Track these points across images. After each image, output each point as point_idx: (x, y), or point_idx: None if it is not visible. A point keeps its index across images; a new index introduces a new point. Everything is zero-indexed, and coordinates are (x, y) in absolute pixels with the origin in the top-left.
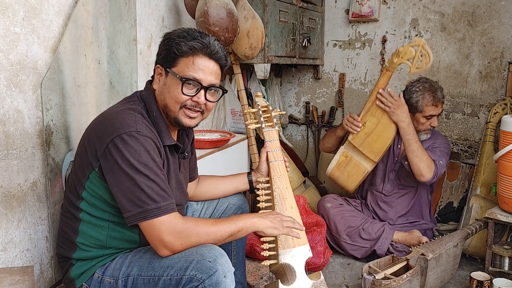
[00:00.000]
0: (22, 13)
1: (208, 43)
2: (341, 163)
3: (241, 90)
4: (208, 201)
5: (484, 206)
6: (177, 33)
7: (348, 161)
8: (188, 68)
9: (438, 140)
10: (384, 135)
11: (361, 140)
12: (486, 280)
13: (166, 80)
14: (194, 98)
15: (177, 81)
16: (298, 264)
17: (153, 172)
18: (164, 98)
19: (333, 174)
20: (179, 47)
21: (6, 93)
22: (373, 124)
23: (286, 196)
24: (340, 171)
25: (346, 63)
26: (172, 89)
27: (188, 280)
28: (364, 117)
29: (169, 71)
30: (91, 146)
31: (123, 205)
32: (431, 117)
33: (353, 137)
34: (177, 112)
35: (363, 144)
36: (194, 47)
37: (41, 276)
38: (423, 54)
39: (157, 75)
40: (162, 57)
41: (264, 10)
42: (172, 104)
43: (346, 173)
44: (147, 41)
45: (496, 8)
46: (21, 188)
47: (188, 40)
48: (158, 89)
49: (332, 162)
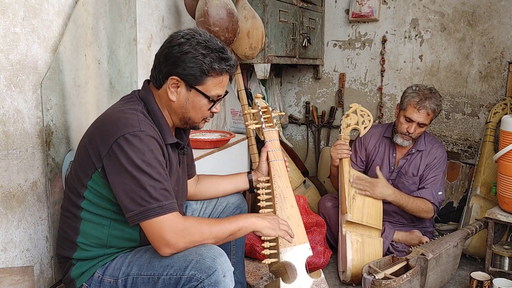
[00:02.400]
0: (22, 13)
1: (235, 64)
2: (358, 249)
3: (241, 90)
4: (207, 200)
5: (484, 206)
6: (199, 47)
7: (363, 243)
8: (215, 88)
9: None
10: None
11: (360, 214)
12: (486, 280)
13: (189, 96)
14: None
15: (204, 99)
16: (299, 263)
17: (156, 172)
18: (187, 112)
19: (355, 266)
20: (210, 69)
21: (6, 93)
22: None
23: (287, 195)
24: (360, 257)
25: (346, 63)
26: (198, 106)
27: (188, 280)
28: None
29: (196, 89)
30: (93, 147)
31: (125, 205)
32: (410, 121)
33: (352, 215)
34: (198, 122)
35: (364, 216)
36: (225, 70)
37: (41, 276)
38: (363, 114)
39: (173, 87)
40: (186, 74)
41: (264, 10)
42: (197, 118)
43: (367, 257)
44: (147, 41)
45: (496, 8)
46: (21, 188)
47: (216, 60)
48: (179, 103)
49: (348, 256)
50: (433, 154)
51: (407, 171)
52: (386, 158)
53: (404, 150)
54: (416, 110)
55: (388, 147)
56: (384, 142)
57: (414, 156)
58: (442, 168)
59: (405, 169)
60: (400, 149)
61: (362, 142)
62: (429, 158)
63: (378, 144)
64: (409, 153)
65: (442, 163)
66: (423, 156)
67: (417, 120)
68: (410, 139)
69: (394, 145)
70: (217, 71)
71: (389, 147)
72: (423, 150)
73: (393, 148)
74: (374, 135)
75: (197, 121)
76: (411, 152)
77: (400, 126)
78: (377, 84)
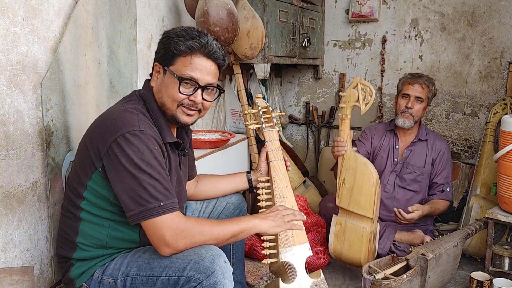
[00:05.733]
0: (22, 13)
1: (206, 42)
2: (338, 232)
3: (241, 90)
4: (207, 200)
5: (484, 206)
6: (176, 31)
7: (344, 228)
8: (185, 67)
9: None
10: (365, 184)
11: (347, 200)
12: (486, 280)
13: (164, 79)
14: (191, 97)
15: (175, 80)
16: (299, 263)
17: (156, 171)
18: (162, 96)
19: (335, 250)
20: (177, 46)
21: (6, 93)
22: (351, 176)
23: (286, 195)
24: (340, 242)
25: (346, 63)
26: (169, 88)
27: (186, 281)
28: (341, 175)
29: (167, 70)
30: (93, 147)
31: (126, 204)
32: (407, 97)
33: (339, 200)
34: (174, 110)
35: (350, 203)
36: (192, 47)
37: (41, 276)
38: (364, 89)
39: (155, 73)
40: (160, 55)
41: (264, 10)
42: (169, 102)
43: (347, 243)
44: (147, 41)
45: (496, 8)
46: (21, 188)
47: (186, 40)
48: (156, 87)
49: (330, 237)
50: (438, 148)
51: (412, 162)
52: (391, 151)
53: (407, 139)
54: (411, 85)
55: (392, 139)
56: (387, 136)
57: (418, 147)
58: (450, 160)
59: (409, 160)
60: (403, 140)
61: (366, 136)
62: (434, 153)
63: (382, 138)
64: (412, 142)
65: (449, 156)
66: (428, 147)
67: (413, 94)
68: (411, 118)
69: (397, 137)
70: (185, 49)
71: (393, 139)
72: (426, 140)
73: (396, 140)
74: (378, 130)
75: (170, 107)
76: (414, 141)
77: (399, 107)
78: (377, 84)
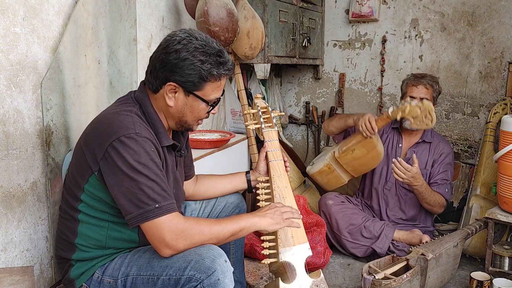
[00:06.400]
0: (22, 13)
1: (232, 66)
2: (323, 171)
3: (241, 90)
4: (206, 200)
5: (484, 206)
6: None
7: (330, 172)
8: (213, 92)
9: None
10: (370, 163)
11: (348, 162)
12: (486, 280)
13: (187, 101)
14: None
15: (202, 104)
16: (298, 263)
17: (153, 173)
18: (184, 115)
19: (313, 176)
20: (208, 75)
21: (6, 93)
22: (362, 154)
23: (286, 195)
24: (321, 177)
25: (346, 63)
26: (195, 110)
27: (187, 280)
28: (354, 145)
29: (195, 94)
30: (89, 150)
31: (124, 207)
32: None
33: (341, 156)
34: (193, 124)
35: (349, 165)
36: (223, 74)
37: (41, 276)
38: (427, 117)
39: (169, 92)
40: (184, 80)
41: (264, 10)
42: (193, 121)
43: (326, 180)
44: (147, 41)
45: (496, 8)
46: (21, 188)
47: (214, 65)
48: (176, 108)
49: (314, 167)
50: (440, 150)
51: None
52: (394, 149)
53: (411, 140)
54: (415, 87)
55: (396, 138)
56: (392, 134)
57: (421, 148)
58: (452, 162)
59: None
60: (407, 140)
61: None
62: (436, 154)
63: (387, 135)
64: (416, 143)
65: (451, 158)
66: (431, 150)
67: (419, 96)
68: None
69: (401, 136)
70: (216, 76)
71: (397, 137)
72: (430, 143)
73: (400, 139)
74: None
75: (192, 123)
76: (418, 142)
77: None
78: (377, 84)
